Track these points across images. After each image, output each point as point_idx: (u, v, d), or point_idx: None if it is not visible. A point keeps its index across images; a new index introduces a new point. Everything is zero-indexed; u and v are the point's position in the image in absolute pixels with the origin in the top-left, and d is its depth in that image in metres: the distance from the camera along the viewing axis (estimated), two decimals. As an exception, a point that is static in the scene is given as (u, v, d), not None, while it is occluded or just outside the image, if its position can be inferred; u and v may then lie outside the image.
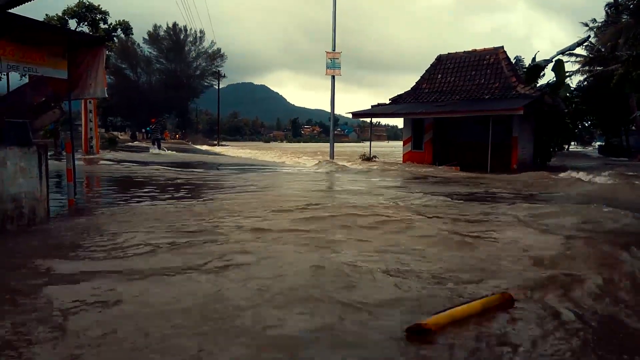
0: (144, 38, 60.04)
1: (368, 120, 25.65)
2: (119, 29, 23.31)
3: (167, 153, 27.38)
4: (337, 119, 20.55)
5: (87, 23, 21.06)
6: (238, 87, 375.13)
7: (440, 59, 21.36)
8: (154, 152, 27.47)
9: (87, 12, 20.55)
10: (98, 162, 16.30)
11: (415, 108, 19.48)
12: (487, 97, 18.36)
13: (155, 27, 62.79)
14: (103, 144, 26.05)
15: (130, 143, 44.73)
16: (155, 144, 28.47)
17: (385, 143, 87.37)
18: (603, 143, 40.05)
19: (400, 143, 23.45)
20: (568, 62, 28.88)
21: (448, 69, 20.98)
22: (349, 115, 22.56)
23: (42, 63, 7.05)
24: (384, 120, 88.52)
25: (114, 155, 20.37)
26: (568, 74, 32.48)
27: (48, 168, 5.23)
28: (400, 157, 21.50)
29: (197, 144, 57.72)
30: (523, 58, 28.35)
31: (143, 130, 62.22)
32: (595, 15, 46.07)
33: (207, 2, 34.69)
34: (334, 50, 18.94)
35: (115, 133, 52.82)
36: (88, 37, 9.92)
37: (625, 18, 16.61)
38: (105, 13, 21.29)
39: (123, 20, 23.88)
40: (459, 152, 19.33)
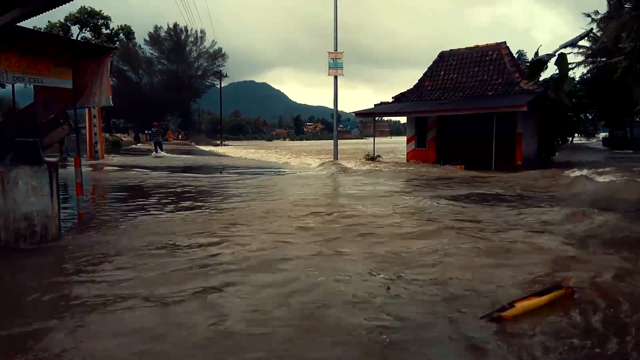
0: (145, 39, 60.07)
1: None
2: (121, 34, 23.36)
3: (168, 156, 27.71)
4: (339, 116, 20.62)
5: (89, 29, 21.12)
6: (239, 85, 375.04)
7: (443, 56, 21.31)
8: (156, 155, 27.92)
9: (89, 17, 20.61)
10: (103, 168, 16.39)
11: (418, 106, 19.45)
12: (490, 93, 18.31)
13: (156, 28, 62.80)
14: (107, 148, 26.25)
15: (134, 145, 44.92)
16: (157, 148, 29.00)
17: (388, 139, 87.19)
18: (607, 135, 39.89)
19: (403, 138, 23.43)
20: (571, 53, 28.77)
21: (451, 66, 20.92)
22: (351, 111, 22.56)
23: (47, 74, 7.10)
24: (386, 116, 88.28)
25: (119, 160, 20.47)
26: (571, 66, 32.41)
27: (59, 185, 5.28)
28: (404, 154, 21.50)
29: (200, 145, 57.92)
30: (525, 52, 28.33)
31: (146, 132, 62.46)
32: (597, 5, 45.72)
33: (207, 1, 34.59)
34: (336, 50, 18.93)
35: (119, 135, 53.00)
36: (93, 46, 9.96)
37: (628, 10, 16.44)
38: (107, 18, 21.37)
39: (125, 25, 23.99)
40: (463, 149, 19.29)
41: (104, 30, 21.84)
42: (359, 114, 22.14)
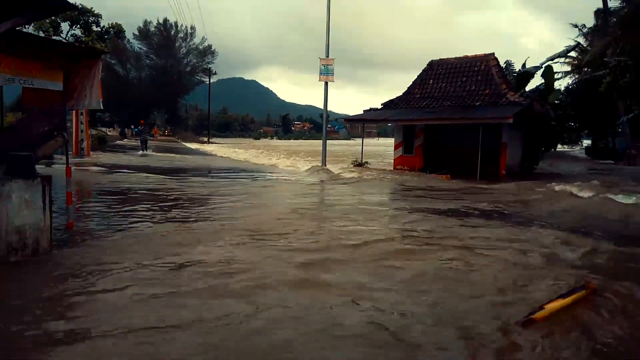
0: (134, 34, 59.54)
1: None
2: (112, 32, 23.15)
3: (154, 155, 27.68)
4: (327, 116, 20.74)
5: (79, 26, 20.88)
6: (228, 82, 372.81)
7: (432, 65, 21.57)
8: (144, 153, 27.96)
9: (79, 15, 20.36)
10: (89, 168, 16.23)
11: (407, 114, 19.68)
12: (477, 103, 18.60)
13: (146, 22, 62.31)
14: (93, 144, 26.02)
15: (120, 141, 44.45)
16: (143, 145, 29.06)
17: (376, 140, 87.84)
18: (590, 144, 40.74)
19: (390, 140, 23.67)
20: (557, 62, 29.30)
21: (439, 75, 21.19)
22: (339, 111, 22.76)
23: (37, 75, 7.07)
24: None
25: (105, 159, 20.28)
26: (558, 77, 33.05)
27: (52, 198, 5.30)
28: (391, 159, 21.74)
29: (187, 142, 57.49)
30: (513, 62, 28.86)
31: (132, 127, 61.78)
32: (584, 14, 46.75)
33: (198, -1, 34.41)
34: (328, 57, 19.04)
35: (104, 129, 52.38)
36: (86, 50, 9.92)
37: (612, 29, 16.89)
38: (98, 16, 21.13)
39: (116, 24, 23.70)
40: (449, 156, 19.58)
41: (95, 28, 21.60)
42: (348, 120, 22.34)
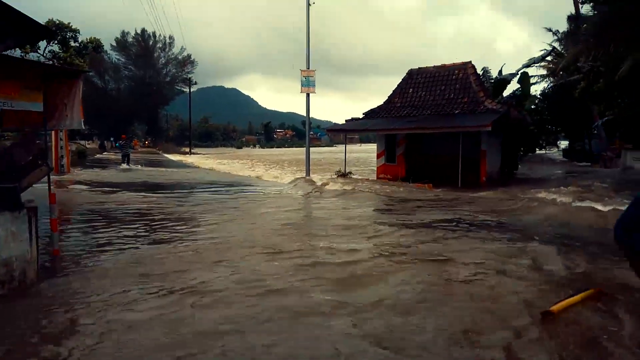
0: (112, 45, 58.92)
1: (340, 122, 25.96)
2: (90, 47, 22.91)
3: (135, 168, 27.43)
4: (310, 125, 20.94)
5: (57, 42, 20.60)
6: (209, 90, 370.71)
7: (411, 74, 21.92)
8: (124, 167, 27.70)
9: (57, 30, 20.12)
10: (69, 186, 15.98)
11: (388, 123, 19.94)
12: (457, 112, 18.96)
13: (124, 33, 61.82)
14: (72, 159, 25.65)
15: (100, 155, 43.83)
16: (125, 160, 28.78)
17: (358, 147, 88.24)
18: (567, 146, 41.72)
19: (373, 146, 23.93)
20: (533, 66, 30.05)
21: (419, 84, 21.55)
22: (322, 118, 22.95)
23: (16, 97, 7.00)
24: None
25: (86, 175, 20.01)
26: (534, 81, 33.89)
27: (37, 229, 5.28)
28: (374, 166, 21.99)
29: (168, 153, 56.92)
30: (490, 69, 29.54)
31: (112, 139, 60.96)
32: (558, 18, 47.93)
33: (176, 7, 34.37)
34: (309, 68, 19.20)
35: (83, 142, 51.52)
36: (65, 70, 9.85)
37: (584, 37, 17.41)
38: (76, 31, 20.87)
39: (94, 38, 23.47)
40: (431, 164, 19.90)
41: (73, 44, 21.34)
42: (330, 130, 22.51)
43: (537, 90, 36.27)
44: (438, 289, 5.19)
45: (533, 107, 28.11)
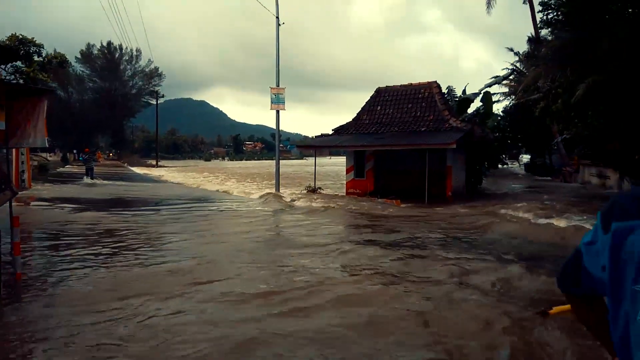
0: (76, 57, 57.52)
1: (310, 136, 26.27)
2: (55, 62, 22.29)
3: (99, 183, 26.66)
4: (280, 140, 21.08)
5: (20, 56, 19.96)
6: (177, 102, 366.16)
7: (379, 92, 22.42)
8: (88, 181, 26.86)
9: (20, 45, 19.53)
10: (30, 203, 15.41)
11: (357, 140, 20.29)
12: (423, 129, 19.51)
13: (89, 45, 60.51)
14: (33, 172, 24.71)
15: (62, 168, 42.41)
16: (89, 174, 27.97)
17: (328, 159, 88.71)
18: (529, 160, 43.40)
19: (342, 159, 24.23)
20: (496, 84, 31.18)
21: (387, 101, 22.05)
22: (292, 131, 23.15)
23: (-23, 115, 6.83)
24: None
25: (48, 191, 19.34)
26: (496, 99, 35.23)
27: (0, 255, 5.14)
28: (344, 180, 22.26)
29: (133, 166, 55.60)
30: (454, 88, 30.42)
31: (75, 152, 59.15)
32: (515, 43, 50.20)
33: (143, 19, 34.01)
34: (278, 86, 19.37)
35: (44, 155, 49.71)
36: (29, 88, 9.60)
37: (544, 57, 18.16)
38: (40, 46, 20.26)
39: (59, 53, 22.87)
40: (399, 180, 20.34)
41: (37, 58, 20.71)
42: (300, 146, 22.69)
43: (499, 109, 37.77)
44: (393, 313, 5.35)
45: (495, 124, 29.14)
